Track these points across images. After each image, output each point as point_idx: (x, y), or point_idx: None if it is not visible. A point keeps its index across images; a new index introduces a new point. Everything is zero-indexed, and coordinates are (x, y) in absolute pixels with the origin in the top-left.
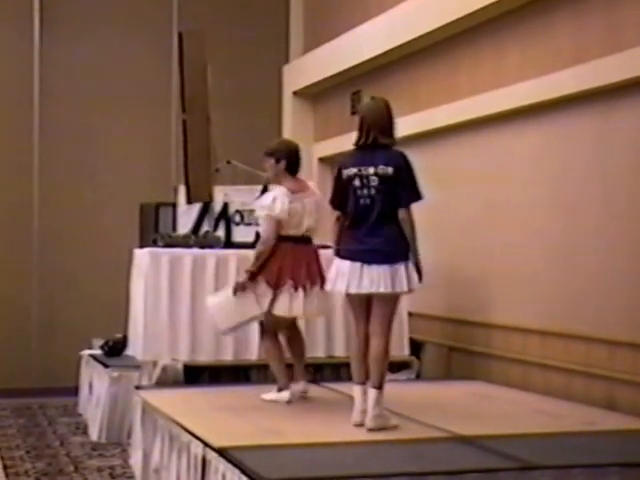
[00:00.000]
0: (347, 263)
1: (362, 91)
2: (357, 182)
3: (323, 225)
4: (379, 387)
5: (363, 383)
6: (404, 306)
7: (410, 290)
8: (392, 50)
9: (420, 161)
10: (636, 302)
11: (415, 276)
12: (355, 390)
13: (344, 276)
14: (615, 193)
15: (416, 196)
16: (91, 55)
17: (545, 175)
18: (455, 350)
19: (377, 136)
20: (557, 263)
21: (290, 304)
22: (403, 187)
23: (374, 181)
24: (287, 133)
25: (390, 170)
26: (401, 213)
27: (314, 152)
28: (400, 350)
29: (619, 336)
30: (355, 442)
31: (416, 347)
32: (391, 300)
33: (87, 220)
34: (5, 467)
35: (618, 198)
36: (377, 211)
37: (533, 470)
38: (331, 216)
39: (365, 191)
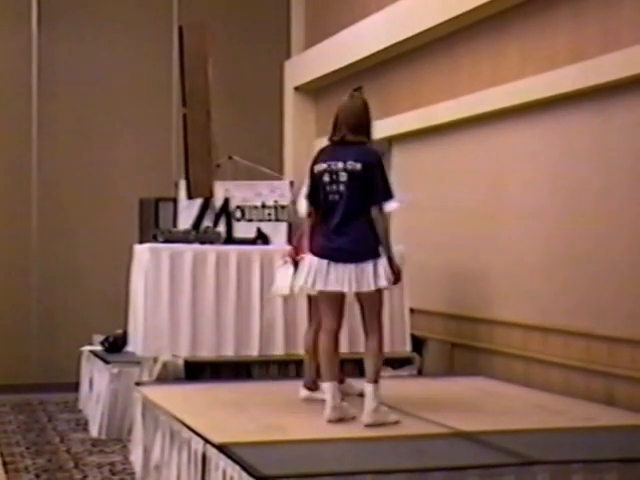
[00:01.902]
0: (315, 260)
1: (363, 87)
2: (327, 178)
3: None
4: (375, 382)
5: (334, 379)
6: (406, 302)
7: (378, 289)
8: (393, 46)
9: (421, 157)
10: (636, 299)
11: (384, 274)
12: (326, 387)
13: (310, 272)
14: (614, 190)
15: (387, 195)
16: (90, 49)
17: (544, 172)
18: (457, 346)
19: (345, 133)
20: (558, 260)
21: None
22: (374, 185)
23: (343, 177)
24: (289, 129)
25: (359, 166)
26: (373, 212)
27: (316, 148)
28: (402, 346)
29: (619, 333)
30: (356, 438)
31: (418, 343)
32: (373, 297)
33: (87, 215)
34: (5, 463)
35: (617, 195)
36: (344, 208)
37: (533, 465)
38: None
39: (334, 187)
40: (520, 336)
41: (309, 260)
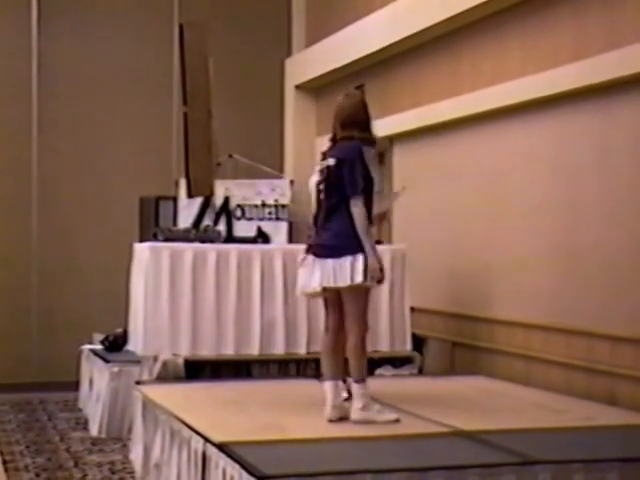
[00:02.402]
0: (308, 257)
1: (365, 85)
2: (318, 177)
3: None
4: (358, 380)
5: (334, 378)
6: (406, 301)
7: (359, 285)
8: (394, 44)
9: (422, 156)
10: (638, 298)
11: (361, 270)
12: (326, 385)
13: (306, 270)
14: (615, 187)
15: (351, 190)
16: (91, 47)
17: (546, 169)
18: (458, 345)
19: (338, 130)
20: (560, 258)
21: None
22: (345, 180)
23: (325, 174)
24: (289, 127)
25: (332, 162)
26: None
27: (316, 146)
28: (402, 345)
29: (621, 332)
30: (356, 437)
31: (418, 342)
32: (353, 293)
33: (87, 214)
34: (5, 462)
35: (618, 192)
36: (326, 204)
37: (534, 465)
38: None
39: (321, 185)
40: (521, 335)
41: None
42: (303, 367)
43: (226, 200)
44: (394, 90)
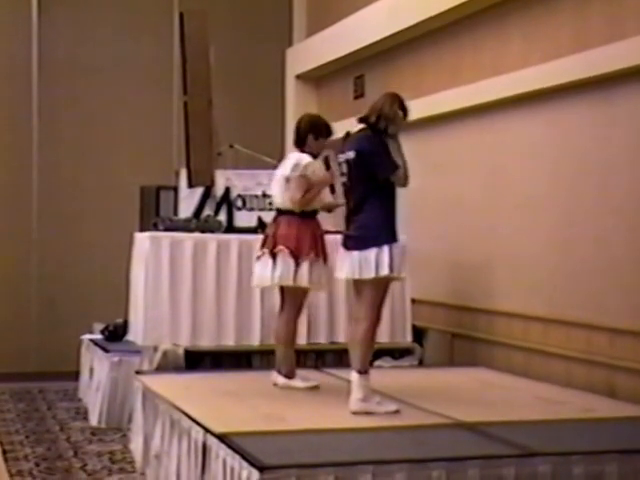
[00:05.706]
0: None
1: (365, 75)
2: (341, 170)
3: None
4: (359, 371)
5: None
6: (407, 293)
7: (380, 279)
8: (395, 34)
9: (423, 146)
10: (638, 290)
11: (387, 262)
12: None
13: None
14: (615, 179)
15: (389, 172)
16: (91, 36)
17: (546, 161)
18: (458, 337)
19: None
20: (559, 250)
21: None
22: (375, 168)
23: (346, 167)
24: (290, 117)
25: (352, 154)
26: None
27: None
28: (403, 337)
29: (620, 323)
30: (357, 428)
31: (419, 333)
32: (372, 285)
33: (87, 203)
34: (4, 452)
35: (618, 185)
36: (352, 196)
37: (534, 457)
38: None
39: (345, 178)
40: (521, 327)
41: None
42: (303, 358)
43: (227, 190)
44: (395, 81)
